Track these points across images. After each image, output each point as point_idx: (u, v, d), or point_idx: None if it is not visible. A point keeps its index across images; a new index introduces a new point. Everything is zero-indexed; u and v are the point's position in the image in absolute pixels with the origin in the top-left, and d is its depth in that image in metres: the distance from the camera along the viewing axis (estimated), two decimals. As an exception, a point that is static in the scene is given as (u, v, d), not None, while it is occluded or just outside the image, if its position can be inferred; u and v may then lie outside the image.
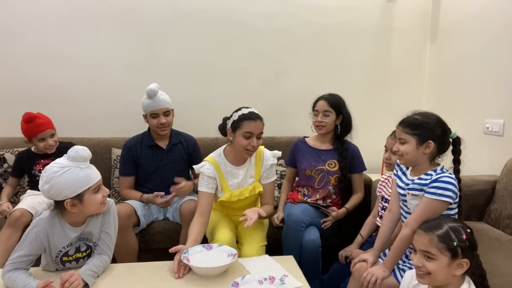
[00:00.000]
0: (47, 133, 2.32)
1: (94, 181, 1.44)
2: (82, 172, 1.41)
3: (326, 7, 3.00)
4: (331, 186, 2.21)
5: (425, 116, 1.54)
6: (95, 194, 1.45)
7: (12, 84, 2.76)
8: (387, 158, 1.94)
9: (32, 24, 2.73)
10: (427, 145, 1.50)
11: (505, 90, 2.38)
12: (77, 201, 1.42)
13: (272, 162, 1.97)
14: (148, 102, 2.23)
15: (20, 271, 1.41)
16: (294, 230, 2.00)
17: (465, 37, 2.73)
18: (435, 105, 3.04)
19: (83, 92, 2.84)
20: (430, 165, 1.55)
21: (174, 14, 2.86)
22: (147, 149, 2.30)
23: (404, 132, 1.53)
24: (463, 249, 1.19)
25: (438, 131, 1.51)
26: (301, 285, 1.47)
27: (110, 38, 2.83)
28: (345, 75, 3.11)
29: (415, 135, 1.51)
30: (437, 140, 1.51)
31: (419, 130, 1.51)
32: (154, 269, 1.60)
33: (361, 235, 2.03)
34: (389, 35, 3.12)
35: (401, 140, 1.55)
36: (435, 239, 1.22)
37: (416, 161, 1.55)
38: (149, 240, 2.19)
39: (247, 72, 3.00)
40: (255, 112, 1.92)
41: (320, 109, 2.20)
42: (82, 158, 1.42)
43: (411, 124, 1.52)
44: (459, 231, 1.21)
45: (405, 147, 1.53)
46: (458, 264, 1.20)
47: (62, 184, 1.37)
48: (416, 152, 1.51)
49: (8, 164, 2.52)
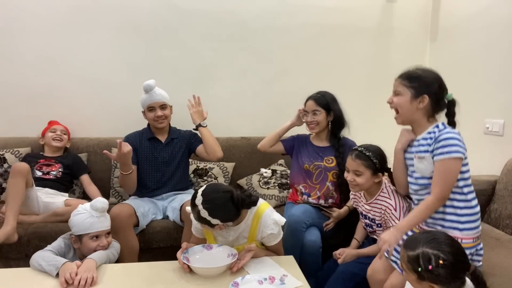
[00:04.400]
0: (58, 128, 2.63)
1: (94, 230, 1.70)
2: (90, 219, 1.70)
3: (326, 7, 3.00)
4: (329, 183, 2.21)
5: (425, 71, 1.53)
6: (91, 241, 1.70)
7: (12, 84, 2.75)
8: (351, 180, 1.83)
9: (32, 24, 2.72)
10: (422, 99, 1.48)
11: (505, 90, 2.38)
12: (77, 239, 1.72)
13: (271, 232, 1.65)
14: (145, 97, 2.30)
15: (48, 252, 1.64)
16: (295, 230, 2.00)
17: (465, 37, 2.73)
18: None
19: (83, 92, 2.84)
20: (429, 122, 1.52)
21: (174, 14, 2.86)
22: (146, 141, 2.35)
23: (401, 84, 1.52)
24: (429, 276, 1.17)
25: (434, 86, 1.49)
26: (301, 285, 1.47)
27: (110, 38, 2.83)
28: (345, 75, 3.11)
29: (412, 88, 1.49)
30: (432, 96, 1.49)
31: (416, 83, 1.49)
32: (154, 269, 1.60)
33: (357, 240, 2.04)
34: (389, 35, 3.12)
35: (397, 92, 1.53)
36: (405, 257, 1.23)
37: (411, 117, 1.52)
38: (149, 239, 2.19)
39: (247, 72, 3.00)
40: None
41: (309, 109, 2.24)
42: (95, 208, 1.72)
43: (410, 77, 1.51)
44: (429, 260, 1.17)
45: (399, 99, 1.51)
46: (428, 285, 1.19)
47: (73, 222, 1.71)
48: (410, 106, 1.49)
49: (8, 164, 2.53)
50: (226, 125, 2.98)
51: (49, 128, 2.63)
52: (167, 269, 1.59)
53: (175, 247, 1.77)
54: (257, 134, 2.99)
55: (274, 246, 1.72)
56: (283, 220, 1.68)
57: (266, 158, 2.85)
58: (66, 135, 2.67)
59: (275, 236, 1.68)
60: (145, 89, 2.29)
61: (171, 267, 1.60)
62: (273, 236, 1.68)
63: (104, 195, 2.62)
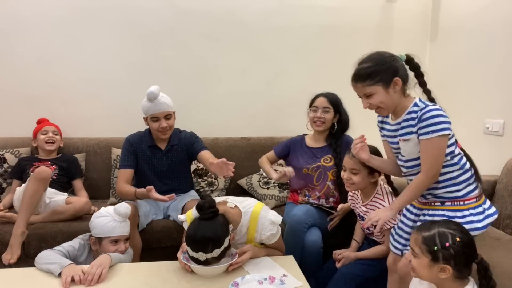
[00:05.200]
0: (50, 128, 2.57)
1: (115, 234, 1.73)
2: (112, 224, 1.73)
3: (326, 7, 3.00)
4: (329, 182, 2.21)
5: (374, 59, 1.50)
6: (110, 244, 1.73)
7: (12, 84, 2.75)
8: (347, 178, 1.84)
9: (32, 25, 2.73)
10: (395, 83, 1.46)
11: (505, 90, 2.38)
12: (97, 241, 1.75)
13: (271, 233, 1.65)
14: (149, 105, 2.15)
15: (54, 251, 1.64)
16: (297, 230, 2.00)
17: (465, 37, 2.73)
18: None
19: (83, 92, 2.84)
20: (406, 99, 1.51)
21: (174, 14, 2.86)
22: (146, 149, 2.26)
23: (366, 86, 1.48)
24: (445, 255, 1.19)
25: (394, 65, 1.47)
26: (301, 285, 1.47)
27: (110, 38, 2.83)
28: (345, 75, 3.05)
29: (379, 82, 1.46)
30: (399, 73, 1.47)
31: (379, 75, 1.46)
32: (155, 269, 1.60)
33: (356, 241, 2.04)
34: (389, 35, 3.12)
35: (366, 94, 1.50)
36: (420, 239, 1.24)
37: (394, 104, 1.50)
38: (150, 239, 2.19)
39: (247, 72, 3.00)
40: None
41: (320, 105, 2.24)
42: (118, 212, 1.75)
43: (369, 74, 1.47)
44: (445, 237, 1.20)
45: (376, 98, 1.48)
46: (440, 267, 1.20)
47: (95, 224, 1.74)
48: (389, 97, 1.47)
49: (8, 164, 2.53)
50: (226, 125, 2.98)
51: (40, 129, 2.56)
52: (167, 269, 1.59)
53: (175, 247, 1.77)
54: (257, 134, 2.99)
55: (274, 244, 1.72)
56: (279, 218, 1.67)
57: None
58: (58, 135, 2.61)
59: (274, 235, 1.68)
60: (149, 98, 2.12)
61: (171, 267, 1.60)
62: (273, 235, 1.67)
63: (104, 195, 2.65)
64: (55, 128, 2.61)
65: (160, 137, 2.24)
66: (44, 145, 2.52)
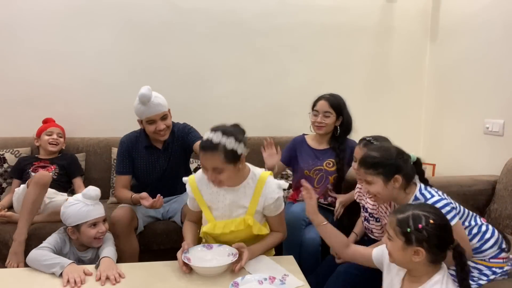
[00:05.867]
0: (56, 130, 2.57)
1: (92, 218, 1.71)
2: (85, 208, 1.71)
3: (326, 7, 3.00)
4: (329, 185, 2.22)
5: (383, 150, 1.54)
6: (90, 228, 1.71)
7: (12, 84, 2.75)
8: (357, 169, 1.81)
9: (32, 24, 2.72)
10: (395, 180, 1.49)
11: (505, 90, 2.38)
12: (75, 230, 1.72)
13: (278, 196, 1.62)
14: (143, 109, 2.03)
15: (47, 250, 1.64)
16: (295, 228, 2.00)
17: (465, 37, 2.73)
18: (435, 105, 3.04)
19: (83, 92, 2.84)
20: (406, 194, 1.53)
21: (174, 14, 2.86)
22: (142, 149, 2.17)
23: (368, 174, 1.52)
24: (418, 237, 1.19)
25: (400, 163, 1.50)
26: (302, 285, 1.47)
27: (110, 38, 2.83)
28: (345, 75, 3.11)
29: (380, 174, 1.49)
30: (402, 172, 1.49)
31: (382, 168, 1.49)
32: (154, 269, 1.60)
33: (355, 233, 2.03)
34: (389, 35, 3.12)
35: (367, 181, 1.54)
36: (394, 222, 1.24)
37: (391, 197, 1.54)
38: (149, 241, 2.19)
39: (247, 72, 3.00)
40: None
41: (321, 109, 2.18)
42: (89, 196, 1.73)
43: (373, 164, 1.51)
44: (419, 219, 1.20)
45: (374, 188, 1.52)
46: (414, 250, 1.20)
47: (68, 214, 1.72)
48: (387, 190, 1.50)
49: (8, 164, 2.53)
50: (226, 125, 2.98)
51: (45, 130, 2.56)
52: (167, 269, 1.58)
53: (175, 249, 1.76)
54: (257, 134, 2.99)
55: (276, 219, 1.69)
56: (286, 184, 1.66)
57: (266, 158, 2.84)
58: (62, 137, 2.60)
59: (279, 203, 1.64)
60: (142, 101, 2.01)
61: (171, 267, 1.60)
62: (278, 203, 1.63)
63: (104, 195, 2.62)
64: (60, 130, 2.60)
65: (159, 139, 2.14)
66: (47, 145, 2.51)
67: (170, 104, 2.76)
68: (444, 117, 2.89)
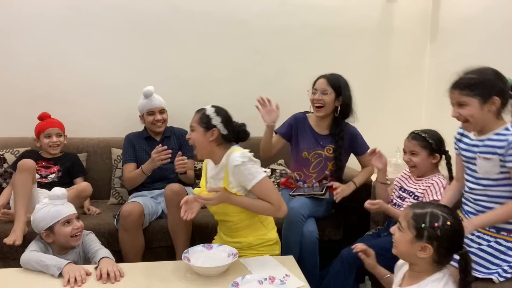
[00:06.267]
0: (54, 131, 2.50)
1: (63, 216, 1.67)
2: (54, 208, 1.67)
3: (326, 7, 3.00)
4: (328, 171, 2.22)
5: (481, 73, 1.46)
6: (64, 227, 1.67)
7: (12, 84, 2.75)
8: (407, 160, 1.94)
9: (31, 24, 2.72)
10: (493, 102, 1.41)
11: (505, 90, 2.38)
12: (49, 232, 1.67)
13: (236, 163, 1.65)
14: (145, 102, 2.46)
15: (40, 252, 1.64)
16: (295, 222, 2.00)
17: (465, 37, 2.73)
18: (435, 105, 3.04)
19: (83, 92, 2.84)
20: (497, 121, 1.46)
21: (174, 14, 2.86)
22: (142, 140, 2.49)
23: (463, 95, 1.44)
24: (430, 234, 1.18)
25: (499, 85, 1.42)
26: (302, 285, 1.47)
27: (110, 38, 2.83)
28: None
29: (477, 95, 1.41)
30: (501, 94, 1.41)
31: (480, 89, 1.41)
32: (155, 269, 1.60)
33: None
34: (389, 35, 3.12)
35: (460, 102, 1.46)
36: (410, 214, 1.23)
37: (483, 122, 1.46)
38: (150, 239, 2.19)
39: (247, 72, 3.00)
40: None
41: (319, 87, 2.16)
42: (56, 196, 1.68)
43: (470, 85, 1.43)
44: (436, 218, 1.19)
45: (468, 110, 1.43)
46: (421, 246, 1.19)
47: (39, 218, 1.67)
48: (482, 113, 1.42)
49: (8, 164, 2.52)
50: (226, 125, 2.98)
51: (43, 131, 2.48)
52: (167, 269, 1.59)
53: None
54: (257, 134, 2.97)
55: (256, 191, 1.67)
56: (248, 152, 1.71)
57: (266, 158, 2.84)
58: (62, 135, 2.54)
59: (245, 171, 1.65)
60: (146, 95, 2.44)
61: (171, 267, 1.60)
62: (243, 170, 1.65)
63: (104, 195, 2.64)
64: (59, 129, 2.52)
65: (155, 130, 2.49)
66: (48, 148, 2.48)
67: (170, 104, 2.77)
68: (444, 117, 2.87)
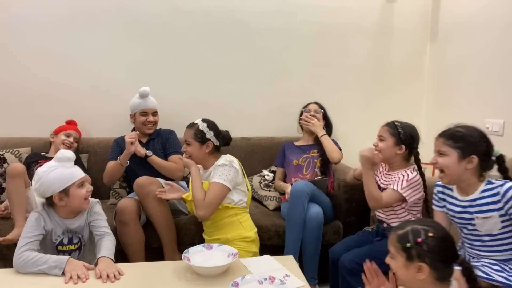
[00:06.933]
0: (74, 134, 2.62)
1: (78, 177, 1.64)
2: (67, 170, 1.62)
3: (326, 7, 3.00)
4: (317, 169, 2.49)
5: (468, 129, 1.49)
6: (79, 189, 1.64)
7: (12, 84, 2.75)
8: (375, 144, 1.95)
9: (32, 25, 2.72)
10: (470, 160, 1.44)
11: (505, 90, 2.38)
12: (63, 195, 1.62)
13: (218, 163, 1.94)
14: (140, 102, 2.47)
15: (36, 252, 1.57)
16: (298, 201, 2.11)
17: (465, 37, 2.73)
18: (435, 105, 3.04)
19: (83, 92, 2.84)
20: (479, 181, 1.48)
21: (174, 15, 2.86)
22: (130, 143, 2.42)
23: (445, 144, 1.47)
24: (418, 251, 1.15)
25: (482, 146, 1.45)
26: (302, 285, 1.47)
27: (110, 39, 2.83)
28: (345, 75, 3.11)
29: (458, 148, 1.44)
30: (481, 156, 1.44)
31: (462, 143, 1.44)
32: (155, 269, 1.60)
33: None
34: (389, 35, 3.12)
35: (441, 152, 1.48)
36: (394, 238, 1.21)
37: (458, 177, 1.48)
38: (149, 239, 2.18)
39: (247, 72, 3.00)
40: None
41: (312, 108, 2.62)
42: (66, 159, 1.64)
43: (454, 136, 1.46)
44: (418, 233, 1.17)
45: (445, 160, 1.46)
46: (417, 267, 1.16)
47: (51, 181, 1.59)
48: (458, 167, 1.45)
49: (8, 164, 2.52)
50: (226, 125, 2.96)
51: (65, 131, 2.59)
52: (167, 269, 1.59)
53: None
54: (257, 134, 2.99)
55: (211, 185, 1.89)
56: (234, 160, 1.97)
57: (266, 158, 2.85)
58: (77, 142, 2.65)
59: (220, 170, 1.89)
60: (142, 95, 2.45)
61: (171, 267, 1.60)
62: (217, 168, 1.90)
63: (104, 196, 2.64)
64: (78, 136, 2.66)
65: (145, 131, 2.49)
66: (60, 145, 2.52)
67: (170, 104, 2.77)
68: (444, 117, 2.89)
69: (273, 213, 2.44)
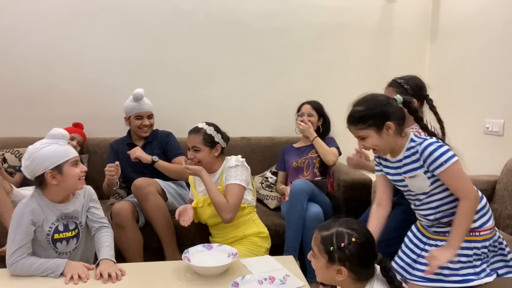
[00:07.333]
0: (77, 137, 2.62)
1: (72, 155, 1.54)
2: (61, 147, 1.53)
3: (326, 7, 3.00)
4: (316, 169, 2.47)
5: (365, 102, 1.49)
6: (73, 167, 1.54)
7: (12, 84, 2.75)
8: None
9: (32, 24, 2.72)
10: (387, 127, 1.45)
11: (505, 90, 2.38)
12: (56, 173, 1.51)
13: (230, 165, 1.91)
14: (134, 105, 2.39)
15: (32, 257, 1.52)
16: (298, 199, 2.11)
17: (465, 37, 2.73)
18: (435, 105, 3.03)
19: (83, 92, 2.84)
20: (402, 139, 1.50)
21: (174, 14, 2.86)
22: (125, 147, 2.42)
23: (359, 129, 1.49)
24: (340, 256, 1.15)
25: (387, 109, 1.46)
26: (302, 285, 1.48)
27: (110, 38, 2.83)
28: (345, 75, 3.11)
29: (370, 126, 1.45)
30: (392, 117, 1.45)
31: (370, 119, 1.45)
32: (155, 269, 1.60)
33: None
34: (389, 35, 3.12)
35: (360, 137, 1.50)
36: (319, 238, 1.21)
37: (389, 146, 1.50)
38: (149, 239, 2.19)
39: (247, 72, 3.00)
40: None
41: (306, 111, 2.57)
42: (60, 135, 1.54)
43: (360, 119, 1.47)
44: (342, 237, 1.16)
45: (369, 142, 1.48)
46: (336, 269, 1.17)
47: (43, 157, 1.48)
48: (382, 140, 1.47)
49: (8, 164, 2.52)
50: (226, 125, 2.96)
51: (71, 133, 2.50)
52: (167, 269, 1.59)
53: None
54: (257, 134, 2.99)
55: (228, 187, 1.86)
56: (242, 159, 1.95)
57: (266, 158, 2.85)
58: (81, 146, 2.64)
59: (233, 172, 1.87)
60: (136, 98, 2.37)
61: (171, 267, 1.60)
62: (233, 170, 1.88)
63: (104, 196, 2.63)
64: (82, 139, 2.66)
65: (141, 135, 2.43)
66: None
67: (170, 104, 2.77)
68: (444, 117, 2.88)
69: (273, 213, 2.45)
